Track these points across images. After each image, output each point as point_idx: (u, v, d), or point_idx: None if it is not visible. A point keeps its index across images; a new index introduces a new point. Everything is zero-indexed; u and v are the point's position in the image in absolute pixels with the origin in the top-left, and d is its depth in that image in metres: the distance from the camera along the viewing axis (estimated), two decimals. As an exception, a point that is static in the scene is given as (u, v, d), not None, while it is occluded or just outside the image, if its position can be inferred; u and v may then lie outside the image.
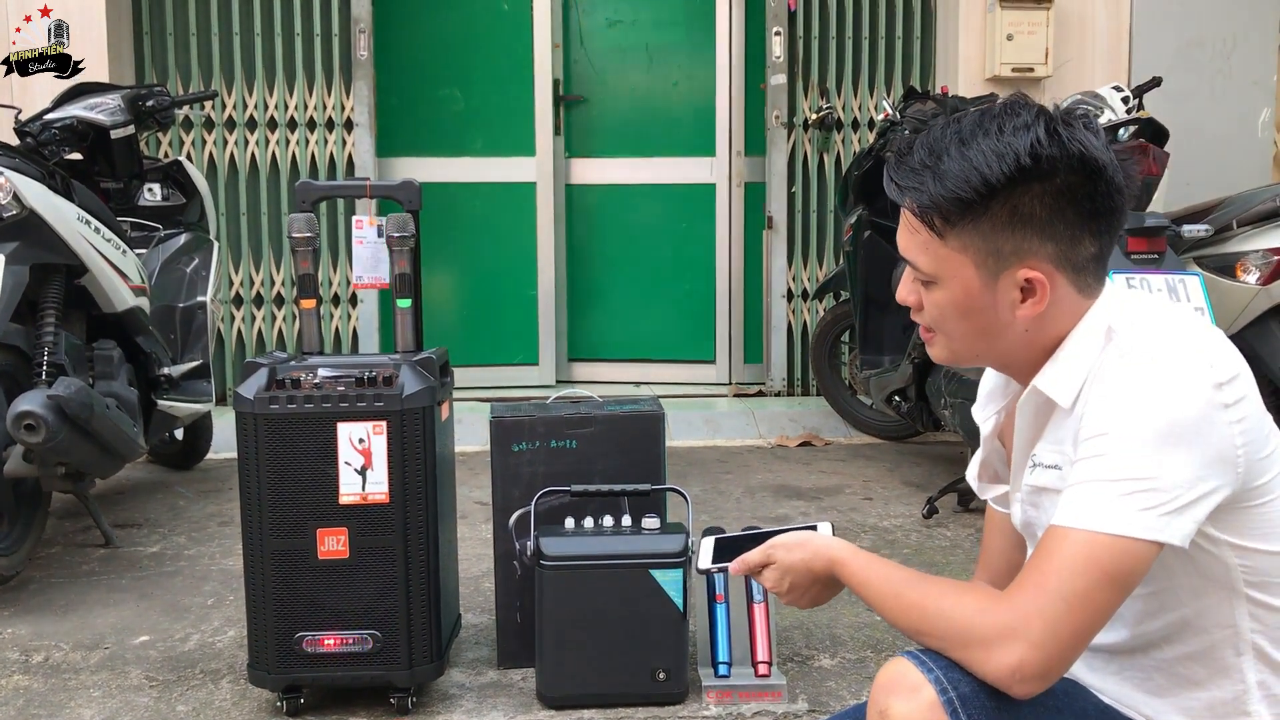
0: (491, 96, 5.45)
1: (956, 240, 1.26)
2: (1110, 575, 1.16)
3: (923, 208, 1.26)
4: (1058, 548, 1.18)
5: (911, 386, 3.82)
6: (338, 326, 5.29)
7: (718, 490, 3.92)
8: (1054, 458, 1.28)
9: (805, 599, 1.42)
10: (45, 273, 2.97)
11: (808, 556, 1.38)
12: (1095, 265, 1.27)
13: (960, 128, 1.26)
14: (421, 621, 2.16)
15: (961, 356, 1.36)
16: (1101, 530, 1.16)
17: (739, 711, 2.21)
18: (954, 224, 1.25)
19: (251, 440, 2.12)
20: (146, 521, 3.59)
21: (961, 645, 1.20)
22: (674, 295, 5.62)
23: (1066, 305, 1.28)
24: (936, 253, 1.28)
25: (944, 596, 1.24)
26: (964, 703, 1.18)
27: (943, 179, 1.24)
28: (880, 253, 4.21)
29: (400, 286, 2.38)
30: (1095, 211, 1.24)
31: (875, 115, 5.23)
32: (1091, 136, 1.23)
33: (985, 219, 1.24)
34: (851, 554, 1.35)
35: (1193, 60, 5.23)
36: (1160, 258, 3.10)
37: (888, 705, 1.21)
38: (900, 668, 1.23)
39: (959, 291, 1.28)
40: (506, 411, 2.43)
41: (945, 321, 1.32)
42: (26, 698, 2.32)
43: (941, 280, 1.29)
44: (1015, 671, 1.16)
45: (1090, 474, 1.19)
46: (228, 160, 5.18)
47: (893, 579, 1.29)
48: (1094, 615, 1.17)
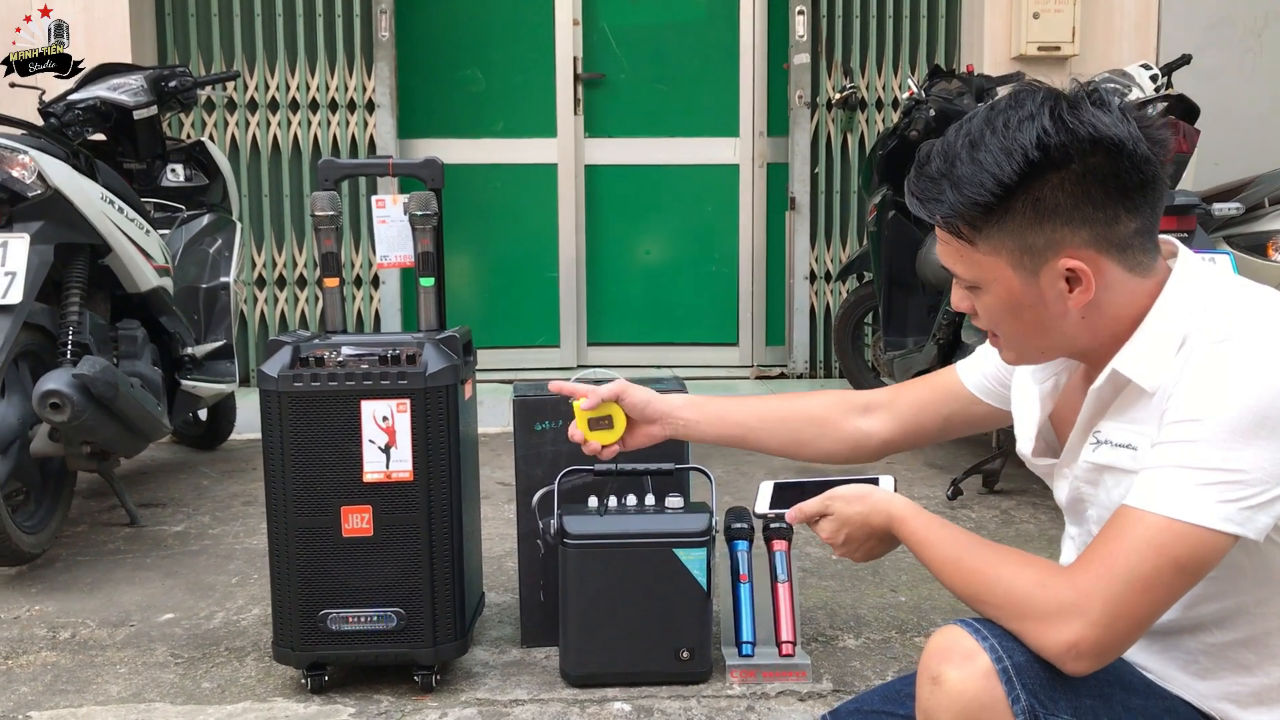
0: (512, 77, 5.43)
1: (987, 244, 1.24)
2: (1180, 563, 1.14)
3: (946, 218, 1.24)
4: (1130, 529, 1.16)
5: (936, 367, 3.79)
6: (360, 308, 5.30)
7: (739, 471, 3.91)
8: (1128, 437, 1.25)
9: (860, 553, 1.42)
10: (70, 252, 2.98)
11: (866, 510, 1.37)
12: (1141, 240, 1.24)
13: (970, 128, 1.23)
14: (445, 599, 2.16)
15: (1029, 355, 1.34)
16: (1178, 517, 1.14)
17: (763, 691, 2.20)
18: (980, 229, 1.23)
19: (276, 418, 2.12)
20: (171, 501, 3.61)
21: (1019, 616, 1.18)
22: (695, 277, 5.60)
23: (1121, 286, 1.24)
24: (971, 259, 1.26)
25: (1005, 565, 1.22)
26: (1018, 672, 1.17)
27: (958, 186, 1.22)
28: (905, 233, 4.18)
29: (423, 265, 2.37)
30: (1124, 188, 1.20)
31: (900, 94, 5.20)
32: (1102, 114, 1.19)
33: (1010, 218, 1.21)
34: (914, 512, 1.34)
35: (1223, 38, 5.17)
36: (1190, 236, 3.05)
37: (940, 672, 1.19)
38: (954, 635, 1.21)
39: (1003, 293, 1.26)
40: (529, 390, 2.42)
41: (1000, 324, 1.30)
42: (54, 673, 2.33)
43: (984, 285, 1.27)
44: (1071, 649, 1.15)
45: (1174, 458, 1.16)
46: (249, 141, 5.18)
47: (955, 542, 1.28)
48: (1157, 600, 1.15)
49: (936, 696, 1.19)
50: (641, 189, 5.53)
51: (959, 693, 1.17)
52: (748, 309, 5.59)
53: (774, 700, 2.17)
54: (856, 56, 5.39)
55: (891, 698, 1.42)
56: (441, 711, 2.13)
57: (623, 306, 5.60)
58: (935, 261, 4.02)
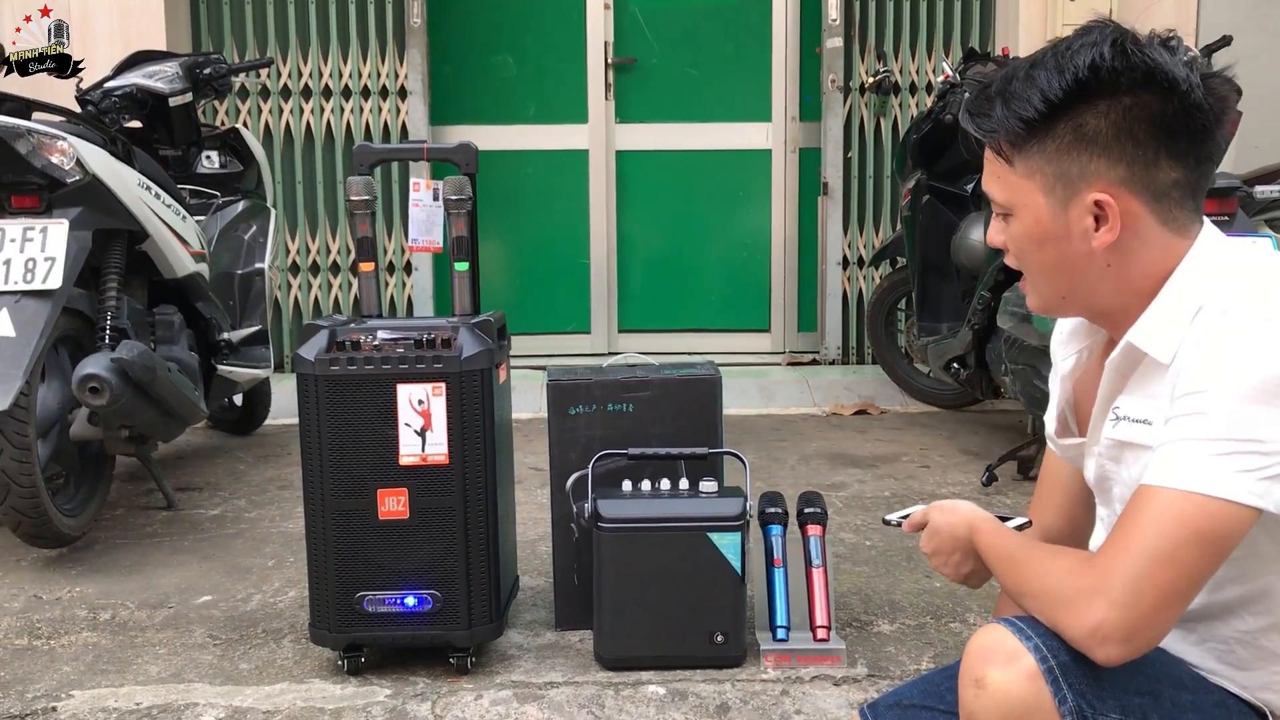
0: (543, 62, 5.43)
1: (1024, 166, 1.23)
2: (1202, 536, 1.11)
3: (989, 133, 1.24)
4: (1146, 506, 1.14)
5: (971, 353, 3.76)
6: (392, 294, 5.32)
7: (772, 458, 3.90)
8: (1144, 411, 1.23)
9: (949, 566, 1.41)
10: (108, 238, 3.00)
11: (955, 521, 1.38)
12: (1181, 195, 1.22)
13: (1035, 54, 1.24)
14: (481, 582, 2.17)
15: (1050, 301, 1.32)
16: (1195, 490, 1.12)
17: (797, 675, 2.20)
18: (1020, 148, 1.23)
19: (312, 401, 2.13)
20: (207, 485, 3.65)
21: (1052, 605, 1.17)
22: (727, 263, 5.59)
23: (1152, 239, 1.22)
24: (1007, 181, 1.26)
25: (1043, 558, 1.22)
26: (1064, 671, 1.15)
27: (1009, 101, 1.22)
28: (939, 218, 4.15)
29: (458, 249, 2.37)
30: (1171, 132, 1.18)
31: (934, 78, 5.15)
32: (1166, 54, 1.18)
33: (1050, 140, 1.21)
34: (988, 522, 1.34)
35: (1264, 19, 5.08)
36: (1231, 219, 3.01)
37: (984, 674, 1.17)
38: (996, 635, 1.19)
39: (1031, 221, 1.26)
40: (563, 375, 2.43)
41: (1026, 257, 1.29)
42: (95, 653, 2.36)
43: (1015, 210, 1.27)
44: (1095, 631, 1.13)
45: (1186, 432, 1.14)
46: (283, 129, 5.21)
47: (1009, 544, 1.29)
48: (1181, 578, 1.12)
49: (981, 700, 1.17)
50: (673, 175, 5.51)
51: (1004, 695, 1.15)
52: (780, 295, 5.57)
53: (809, 685, 2.16)
54: (890, 40, 5.35)
55: (931, 691, 1.41)
56: (477, 693, 2.14)
57: (654, 293, 5.60)
58: (970, 246, 4.00)
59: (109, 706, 2.11)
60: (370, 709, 2.09)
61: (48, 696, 2.16)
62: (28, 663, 2.32)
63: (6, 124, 2.77)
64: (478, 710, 2.09)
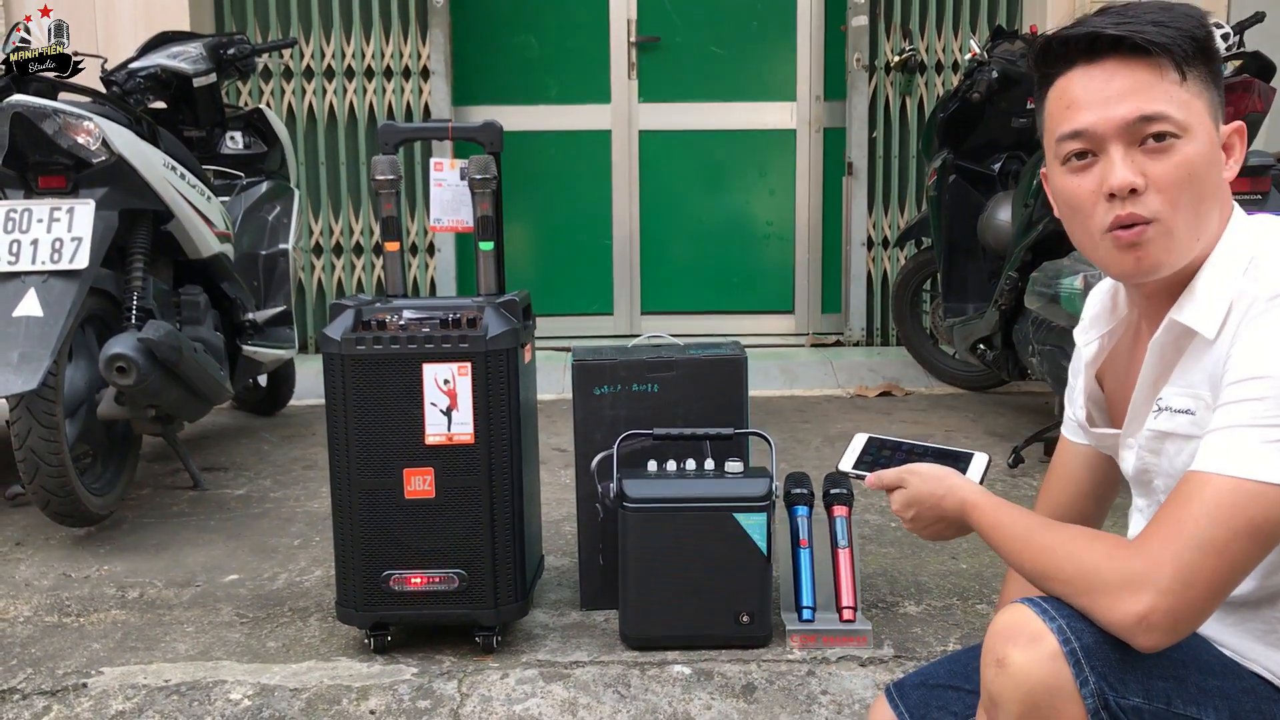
0: (566, 42, 5.40)
1: (1194, 84, 1.21)
2: (1254, 525, 1.09)
3: (1164, 45, 1.18)
4: (1197, 493, 1.12)
5: (997, 334, 3.73)
6: (415, 275, 5.32)
7: (796, 439, 3.88)
8: (1185, 401, 1.22)
9: (927, 531, 1.39)
10: (133, 218, 3.01)
11: (940, 493, 1.35)
12: None
13: None
14: (506, 561, 2.17)
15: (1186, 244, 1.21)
16: (1249, 477, 1.10)
17: (823, 656, 2.19)
18: (1191, 65, 1.20)
19: (339, 380, 2.13)
20: (233, 465, 3.66)
21: (1087, 591, 1.14)
22: (750, 244, 5.56)
23: (1224, 196, 1.24)
24: (1180, 99, 1.20)
25: (1074, 540, 1.19)
26: (1087, 654, 1.13)
27: (1175, 21, 1.20)
28: (965, 198, 4.11)
29: (482, 229, 2.37)
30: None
31: (960, 57, 5.10)
32: None
33: (1202, 65, 1.21)
34: (985, 498, 1.31)
35: (1298, -6, 4.98)
36: (1264, 198, 2.97)
37: (1006, 654, 1.15)
38: (1020, 615, 1.17)
39: (1205, 143, 1.21)
40: (589, 355, 2.42)
41: (1180, 191, 1.19)
42: (124, 631, 2.38)
43: (1191, 130, 1.20)
44: (1142, 620, 1.11)
45: (1239, 418, 1.12)
46: (306, 109, 5.22)
47: (1025, 523, 1.25)
48: (1231, 567, 1.11)
49: (1001, 679, 1.15)
50: (696, 155, 5.49)
51: (1025, 675, 1.13)
52: (804, 276, 5.55)
53: (834, 665, 2.16)
54: (916, 18, 5.29)
55: (957, 671, 1.40)
56: (503, 672, 2.14)
57: (677, 274, 5.58)
58: (997, 226, 3.96)
59: (138, 683, 2.13)
60: (397, 687, 2.10)
61: (78, 673, 2.17)
62: (58, 640, 2.34)
63: (33, 104, 2.77)
64: (504, 689, 2.09)
